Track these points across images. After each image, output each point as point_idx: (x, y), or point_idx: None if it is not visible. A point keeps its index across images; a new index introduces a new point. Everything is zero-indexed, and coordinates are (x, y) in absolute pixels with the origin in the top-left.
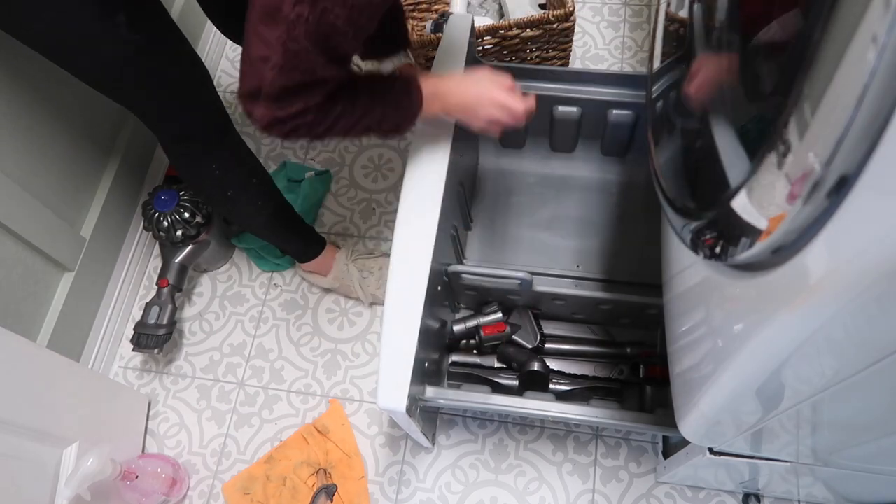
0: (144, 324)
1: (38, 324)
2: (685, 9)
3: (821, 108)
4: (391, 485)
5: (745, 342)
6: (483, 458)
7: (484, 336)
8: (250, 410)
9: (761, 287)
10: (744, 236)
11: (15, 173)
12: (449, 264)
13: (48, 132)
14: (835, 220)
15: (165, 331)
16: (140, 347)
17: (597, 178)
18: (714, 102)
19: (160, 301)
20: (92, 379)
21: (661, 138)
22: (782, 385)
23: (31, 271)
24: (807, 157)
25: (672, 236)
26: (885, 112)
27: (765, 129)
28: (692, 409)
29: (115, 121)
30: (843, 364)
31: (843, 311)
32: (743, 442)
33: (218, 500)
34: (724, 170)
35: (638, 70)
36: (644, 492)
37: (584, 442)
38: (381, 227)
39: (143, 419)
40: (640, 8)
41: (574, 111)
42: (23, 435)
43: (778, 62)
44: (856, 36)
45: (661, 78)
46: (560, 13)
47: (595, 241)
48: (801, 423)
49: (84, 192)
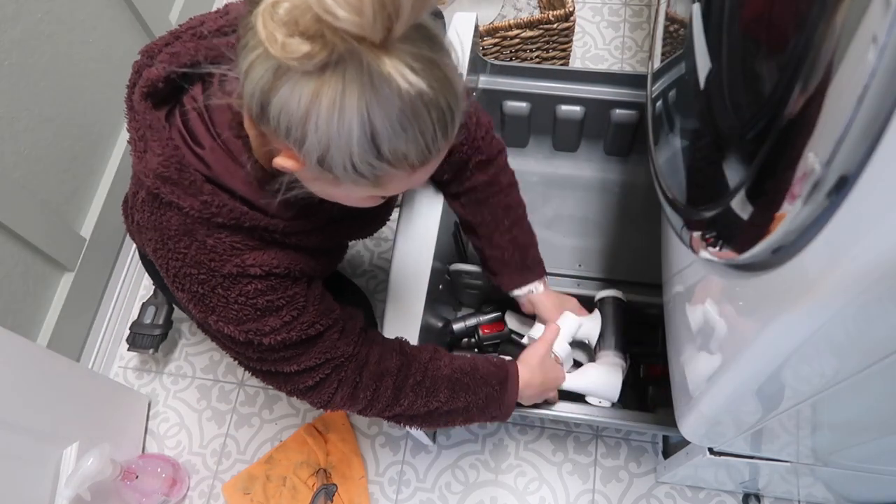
0: (140, 323)
1: (38, 324)
2: (685, 9)
3: (821, 108)
4: (391, 485)
5: (745, 342)
6: (483, 458)
7: (483, 335)
8: (250, 410)
9: (761, 287)
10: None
11: (15, 173)
12: (450, 263)
13: (48, 132)
14: (835, 220)
15: (161, 331)
16: (135, 347)
17: (599, 177)
18: (714, 101)
19: (157, 301)
20: (92, 379)
21: (661, 138)
22: (782, 385)
23: (31, 271)
24: (807, 157)
25: (672, 236)
26: (885, 112)
27: (765, 128)
28: (692, 408)
29: (114, 121)
30: (843, 364)
31: (843, 311)
32: (743, 442)
33: (218, 500)
34: (724, 170)
35: (638, 70)
36: (644, 492)
37: (584, 442)
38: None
39: (143, 419)
40: (640, 8)
41: (577, 110)
42: (23, 435)
43: (778, 62)
44: (856, 36)
45: (661, 77)
46: (560, 13)
47: (597, 240)
48: (802, 424)
49: (84, 192)
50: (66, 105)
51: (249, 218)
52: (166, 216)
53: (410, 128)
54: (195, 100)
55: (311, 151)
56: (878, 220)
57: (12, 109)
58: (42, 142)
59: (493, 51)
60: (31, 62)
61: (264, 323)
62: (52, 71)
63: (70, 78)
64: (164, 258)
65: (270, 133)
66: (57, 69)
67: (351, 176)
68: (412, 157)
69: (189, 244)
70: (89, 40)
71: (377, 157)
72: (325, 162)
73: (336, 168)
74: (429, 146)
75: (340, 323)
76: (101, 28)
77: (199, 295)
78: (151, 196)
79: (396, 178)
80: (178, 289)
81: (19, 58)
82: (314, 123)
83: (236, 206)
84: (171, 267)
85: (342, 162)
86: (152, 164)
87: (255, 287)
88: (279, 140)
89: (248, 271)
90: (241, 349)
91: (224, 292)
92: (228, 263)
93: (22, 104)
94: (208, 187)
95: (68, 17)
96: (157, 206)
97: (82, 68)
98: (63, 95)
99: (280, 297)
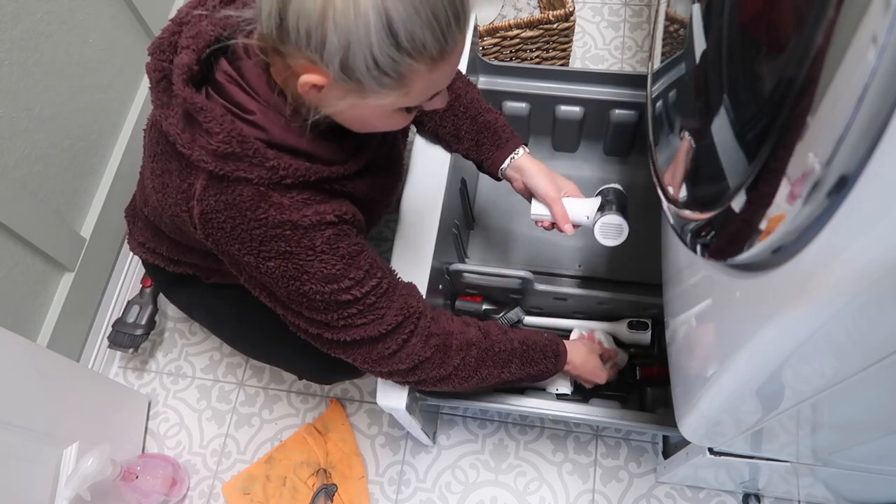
0: (123, 322)
1: (38, 324)
2: (685, 9)
3: (821, 108)
4: (391, 485)
5: (746, 342)
6: (483, 458)
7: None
8: (250, 410)
9: (761, 287)
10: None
11: (15, 173)
12: (450, 263)
13: (48, 132)
14: (835, 220)
15: (142, 331)
16: (115, 345)
17: (599, 177)
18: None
19: (141, 301)
20: (92, 379)
21: (661, 138)
22: (782, 385)
23: (31, 271)
24: (807, 157)
25: (672, 236)
26: (885, 112)
27: (765, 128)
28: (692, 409)
29: (114, 121)
30: (843, 364)
31: (843, 311)
32: (743, 442)
33: (218, 500)
34: (724, 170)
35: (638, 70)
36: (644, 492)
37: (584, 442)
38: (382, 227)
39: (143, 419)
40: (640, 8)
41: (577, 111)
42: (23, 435)
43: (778, 62)
44: (856, 36)
45: (661, 77)
46: (560, 13)
47: (596, 240)
48: (801, 423)
49: (84, 192)
50: (66, 105)
51: (314, 171)
52: (237, 191)
53: (423, 10)
54: (226, 73)
55: (332, 56)
56: (877, 220)
57: (12, 109)
58: (42, 142)
59: (493, 51)
60: (31, 62)
61: (349, 274)
62: (52, 71)
63: (70, 78)
64: (247, 230)
65: (293, 51)
66: (57, 69)
67: (375, 76)
68: (430, 47)
69: (267, 209)
70: (89, 40)
71: (396, 46)
72: (348, 65)
73: (359, 70)
74: (444, 33)
75: (402, 283)
76: (101, 28)
77: (288, 254)
78: (216, 179)
79: (418, 76)
80: (266, 258)
81: (19, 58)
82: (332, 21)
83: (300, 164)
84: (255, 237)
85: (364, 60)
86: (211, 145)
87: (333, 232)
88: (302, 54)
89: (325, 218)
90: (330, 315)
91: (310, 242)
92: (307, 215)
93: (22, 104)
94: (271, 153)
95: (68, 17)
96: (224, 186)
97: (82, 68)
98: (63, 95)
99: (354, 242)
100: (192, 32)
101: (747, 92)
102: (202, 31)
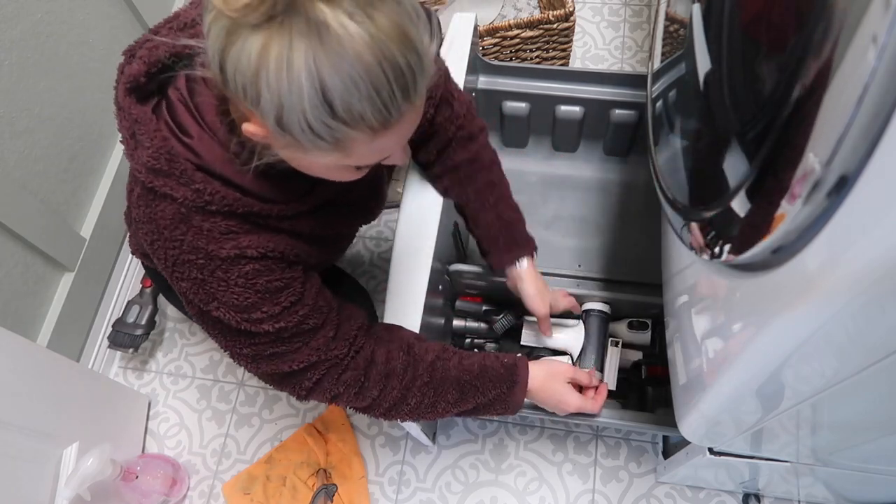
0: (123, 322)
1: (38, 324)
2: (685, 9)
3: (821, 108)
4: (391, 485)
5: (746, 342)
6: (483, 458)
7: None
8: (250, 410)
9: (761, 287)
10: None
11: (15, 173)
12: (450, 263)
13: (48, 132)
14: (835, 220)
15: (142, 331)
16: (115, 346)
17: (598, 177)
18: (714, 101)
19: (141, 301)
20: (92, 379)
21: (661, 138)
22: (782, 385)
23: (30, 271)
24: (807, 157)
25: (672, 236)
26: (885, 112)
27: (765, 128)
28: (692, 409)
29: (114, 121)
30: (843, 364)
31: (843, 311)
32: (743, 442)
33: (218, 500)
34: (724, 170)
35: (638, 70)
36: (644, 492)
37: (584, 442)
38: (382, 227)
39: (143, 419)
40: (640, 8)
41: (577, 111)
42: (23, 435)
43: (778, 62)
44: (856, 36)
45: (661, 77)
46: (560, 13)
47: (596, 240)
48: (801, 423)
49: (84, 192)
50: (66, 105)
51: (243, 204)
52: (160, 207)
53: (362, 83)
54: (179, 91)
55: (267, 111)
56: (877, 220)
57: (12, 109)
58: (42, 142)
59: (492, 51)
60: (31, 62)
61: (263, 307)
62: (52, 71)
63: (70, 78)
64: (162, 248)
65: (234, 97)
66: (57, 69)
67: (310, 138)
68: (370, 118)
69: (185, 231)
70: (89, 40)
71: (331, 115)
72: (283, 123)
73: (294, 130)
74: (387, 105)
75: (335, 322)
76: (101, 28)
77: (200, 281)
78: (146, 191)
79: (358, 143)
80: (178, 279)
81: (19, 58)
82: (265, 80)
83: (229, 193)
84: (170, 256)
85: (298, 122)
86: (143, 158)
87: (253, 267)
88: (243, 103)
89: (246, 252)
90: (240, 343)
91: (224, 274)
92: (226, 246)
93: (22, 104)
94: (199, 175)
95: (68, 17)
96: (151, 199)
97: (82, 68)
98: (63, 95)
99: (278, 278)
100: (153, 44)
101: (747, 92)
102: (162, 45)
